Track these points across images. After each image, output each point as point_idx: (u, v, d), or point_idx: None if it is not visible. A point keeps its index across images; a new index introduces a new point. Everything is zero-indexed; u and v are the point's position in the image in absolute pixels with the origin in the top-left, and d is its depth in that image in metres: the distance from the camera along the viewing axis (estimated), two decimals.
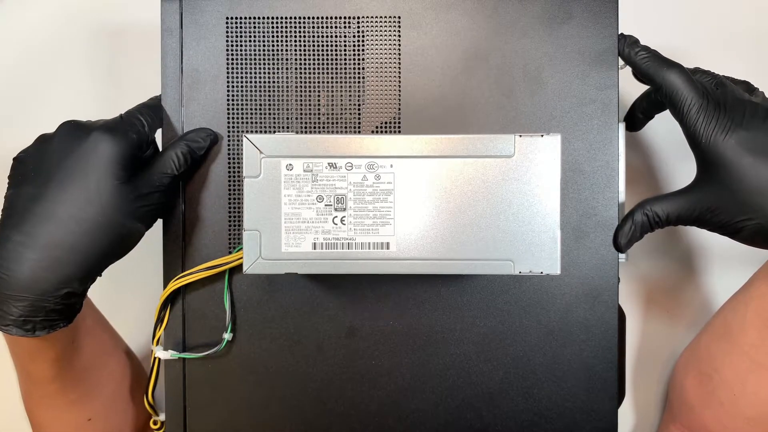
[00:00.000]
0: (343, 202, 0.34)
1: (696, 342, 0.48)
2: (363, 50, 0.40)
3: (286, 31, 0.40)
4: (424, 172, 0.34)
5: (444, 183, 0.34)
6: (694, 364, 0.47)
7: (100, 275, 0.37)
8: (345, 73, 0.40)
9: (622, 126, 0.40)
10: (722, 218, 0.38)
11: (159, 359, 0.41)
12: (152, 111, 0.40)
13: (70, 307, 0.37)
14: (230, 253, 0.40)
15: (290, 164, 0.34)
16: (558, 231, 0.34)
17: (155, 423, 0.43)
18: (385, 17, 0.40)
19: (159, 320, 0.40)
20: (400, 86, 0.40)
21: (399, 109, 0.40)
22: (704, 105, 0.37)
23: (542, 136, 0.34)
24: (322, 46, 0.40)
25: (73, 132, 0.37)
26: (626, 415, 0.53)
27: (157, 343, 0.40)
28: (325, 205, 0.34)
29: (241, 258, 0.35)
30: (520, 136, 0.34)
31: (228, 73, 0.40)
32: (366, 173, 0.34)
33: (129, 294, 0.51)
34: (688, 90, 0.38)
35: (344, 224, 0.34)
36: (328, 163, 0.34)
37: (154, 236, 0.40)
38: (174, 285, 0.40)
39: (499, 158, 0.34)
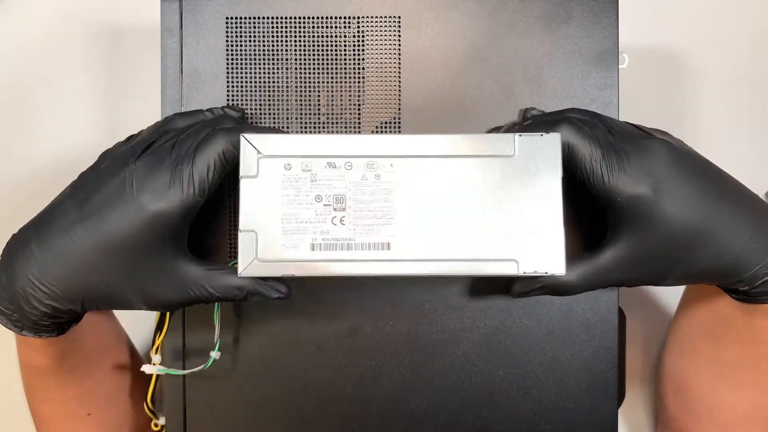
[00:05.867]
0: (342, 201, 0.33)
1: (663, 356, 0.48)
2: (363, 50, 0.40)
3: (286, 31, 0.40)
4: (425, 172, 0.34)
5: (445, 182, 0.34)
6: (667, 378, 0.47)
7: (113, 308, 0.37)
8: (345, 73, 0.40)
9: None
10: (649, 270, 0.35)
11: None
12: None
13: (61, 325, 0.37)
14: (230, 261, 0.40)
15: (288, 164, 0.34)
16: (562, 230, 0.34)
17: (156, 425, 0.43)
18: (385, 17, 0.40)
19: (158, 328, 0.40)
20: (400, 86, 0.40)
21: (399, 109, 0.40)
22: (602, 155, 0.34)
23: (542, 135, 0.34)
24: (322, 46, 0.40)
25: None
26: (626, 415, 0.53)
27: (156, 351, 0.40)
28: (324, 205, 0.33)
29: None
30: (520, 135, 0.34)
31: (228, 73, 0.40)
32: (365, 172, 0.34)
33: None
34: (583, 143, 0.34)
35: (343, 224, 0.33)
36: (327, 163, 0.34)
37: None
38: None
39: (500, 158, 0.34)
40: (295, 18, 0.40)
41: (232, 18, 0.40)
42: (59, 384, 0.41)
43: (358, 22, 0.40)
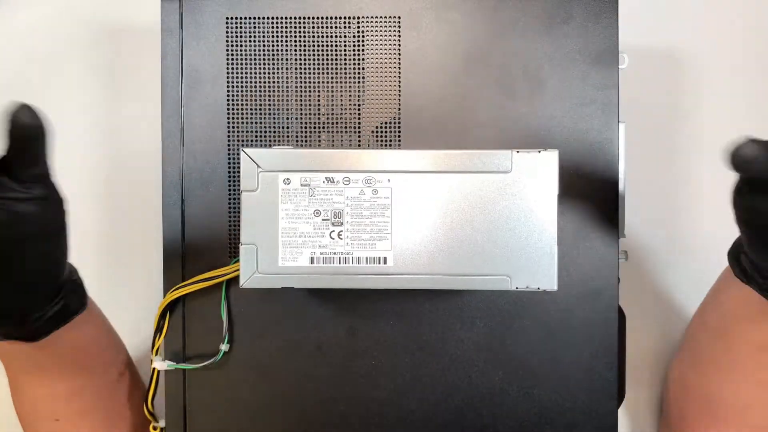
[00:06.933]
0: (340, 216, 0.34)
1: (684, 362, 0.47)
2: (363, 50, 0.40)
3: (286, 31, 0.40)
4: (422, 187, 0.34)
5: (441, 198, 0.34)
6: (689, 385, 0.46)
7: None
8: (345, 73, 0.40)
9: (622, 126, 0.40)
10: None
11: (158, 369, 0.40)
12: None
13: None
14: (230, 260, 0.40)
15: (287, 178, 0.34)
16: (555, 247, 0.34)
17: (155, 428, 0.43)
18: (385, 17, 0.40)
19: (158, 330, 0.40)
20: (400, 86, 0.40)
21: (399, 109, 0.40)
22: None
23: (539, 152, 0.34)
24: (322, 46, 0.40)
25: None
26: (626, 415, 0.53)
27: (156, 353, 0.40)
28: (323, 220, 0.34)
29: (239, 269, 0.34)
30: (518, 152, 0.34)
31: (228, 73, 0.40)
32: (363, 188, 0.34)
33: (128, 291, 0.51)
34: None
35: (341, 239, 0.34)
36: (326, 178, 0.34)
37: (154, 239, 0.40)
38: (171, 296, 0.40)
39: (496, 174, 0.34)
40: (295, 18, 0.40)
41: (232, 18, 0.40)
42: (27, 382, 0.39)
43: (358, 22, 0.40)
